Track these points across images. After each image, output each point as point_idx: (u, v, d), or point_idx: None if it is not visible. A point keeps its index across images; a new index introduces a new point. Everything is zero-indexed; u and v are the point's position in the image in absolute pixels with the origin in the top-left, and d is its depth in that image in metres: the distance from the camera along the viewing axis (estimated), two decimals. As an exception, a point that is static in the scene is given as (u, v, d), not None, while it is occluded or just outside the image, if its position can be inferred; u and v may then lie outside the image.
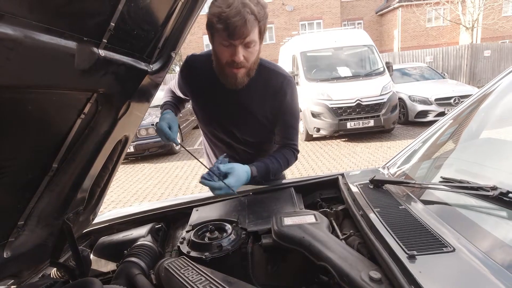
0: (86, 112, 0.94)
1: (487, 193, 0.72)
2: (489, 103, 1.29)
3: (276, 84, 1.27)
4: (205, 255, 1.03)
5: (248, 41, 1.09)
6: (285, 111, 1.30)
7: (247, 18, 1.02)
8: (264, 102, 1.30)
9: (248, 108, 1.32)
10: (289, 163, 1.35)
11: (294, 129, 1.37)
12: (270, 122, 1.36)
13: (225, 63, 1.16)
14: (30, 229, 0.97)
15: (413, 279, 0.59)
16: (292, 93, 1.30)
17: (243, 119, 1.36)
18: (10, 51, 0.57)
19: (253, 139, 1.44)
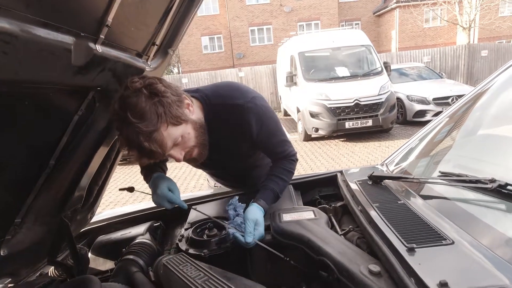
0: (83, 109, 0.94)
1: (485, 185, 0.72)
2: (487, 100, 1.29)
3: (236, 118, 1.09)
4: (204, 252, 1.02)
5: (173, 146, 0.94)
6: (260, 137, 1.13)
7: (150, 148, 0.87)
8: (236, 140, 1.16)
9: (227, 153, 1.21)
10: (292, 173, 1.23)
11: (279, 142, 1.20)
12: (253, 150, 1.25)
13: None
14: (27, 227, 0.96)
15: (412, 271, 0.59)
16: (258, 117, 1.10)
17: (228, 161, 1.27)
18: (6, 44, 0.57)
19: (247, 164, 1.37)
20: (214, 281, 0.73)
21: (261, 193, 1.13)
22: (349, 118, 6.39)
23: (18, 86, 0.68)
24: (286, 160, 1.22)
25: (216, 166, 1.33)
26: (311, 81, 6.94)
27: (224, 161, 1.27)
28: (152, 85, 0.90)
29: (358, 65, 7.40)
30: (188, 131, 0.98)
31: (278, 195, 1.16)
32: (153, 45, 1.11)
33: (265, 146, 1.20)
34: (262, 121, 1.11)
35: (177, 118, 0.92)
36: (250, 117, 1.08)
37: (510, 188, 0.69)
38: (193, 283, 0.74)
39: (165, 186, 1.09)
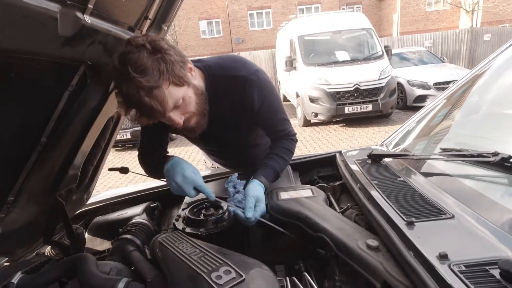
0: (74, 85, 0.90)
1: (488, 159, 0.70)
2: (487, 79, 1.26)
3: (238, 90, 1.06)
4: (201, 231, 1.01)
5: (173, 107, 0.90)
6: (261, 112, 1.10)
7: (150, 104, 0.82)
8: (237, 114, 1.12)
9: (227, 127, 1.17)
10: (292, 152, 1.20)
11: (280, 120, 1.17)
12: (254, 126, 1.22)
13: (175, 128, 1.00)
14: (20, 206, 0.95)
15: (411, 244, 0.58)
16: (260, 91, 1.07)
17: (227, 137, 1.23)
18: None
19: (246, 142, 1.33)
20: (210, 256, 0.72)
21: (261, 170, 1.09)
22: (348, 103, 6.33)
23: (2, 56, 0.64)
24: (286, 139, 1.18)
25: (214, 141, 1.29)
26: (311, 66, 6.84)
27: (223, 136, 1.23)
28: (155, 41, 0.85)
29: (358, 49, 7.27)
30: (190, 94, 0.94)
31: (278, 174, 1.13)
32: (146, 19, 1.07)
33: (266, 123, 1.16)
34: (264, 95, 1.08)
35: (180, 78, 0.88)
36: (253, 90, 1.05)
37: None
38: (188, 259, 0.73)
39: (191, 170, 0.98)
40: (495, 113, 1.07)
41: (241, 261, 0.71)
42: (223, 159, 1.49)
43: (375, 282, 0.62)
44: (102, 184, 4.94)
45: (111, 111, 1.15)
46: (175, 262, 0.74)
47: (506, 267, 0.45)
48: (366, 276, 0.64)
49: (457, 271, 0.49)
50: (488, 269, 0.48)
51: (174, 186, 0.97)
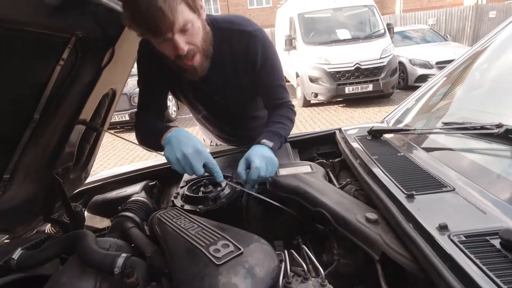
0: (65, 58, 0.87)
1: (492, 131, 0.68)
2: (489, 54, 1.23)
3: (242, 44, 1.05)
4: (199, 208, 1.01)
5: (181, 27, 0.86)
6: (263, 72, 1.09)
7: (161, 6, 0.79)
8: (237, 71, 1.10)
9: (227, 82, 1.13)
10: (292, 122, 1.16)
11: (280, 87, 1.15)
12: (253, 88, 1.18)
13: (174, 58, 0.95)
14: (17, 183, 0.94)
15: (411, 216, 0.57)
16: (265, 49, 1.06)
17: (228, 96, 1.19)
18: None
19: (246, 109, 1.31)
20: (208, 231, 0.72)
21: (263, 136, 1.05)
22: (349, 83, 6.24)
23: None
24: (285, 108, 1.15)
25: (214, 105, 1.24)
26: (311, 45, 6.69)
27: (223, 99, 1.19)
28: None
29: (360, 27, 7.09)
30: (198, 25, 0.92)
31: (282, 137, 1.07)
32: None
33: (266, 86, 1.13)
34: (267, 54, 1.07)
35: (194, 2, 0.88)
36: (257, 45, 1.05)
37: (519, 132, 0.65)
38: (186, 234, 0.73)
39: (201, 144, 0.90)
40: (498, 87, 1.04)
41: (239, 235, 0.70)
42: (222, 131, 1.44)
43: (373, 254, 0.62)
44: (102, 166, 4.95)
45: (105, 88, 1.12)
46: (173, 237, 0.74)
47: (507, 236, 0.44)
48: (365, 248, 0.64)
49: (456, 241, 0.48)
50: (489, 239, 0.48)
51: (178, 160, 0.87)
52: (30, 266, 0.86)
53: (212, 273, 0.57)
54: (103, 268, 0.77)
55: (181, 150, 0.87)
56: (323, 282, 0.56)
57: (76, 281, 0.78)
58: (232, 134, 1.45)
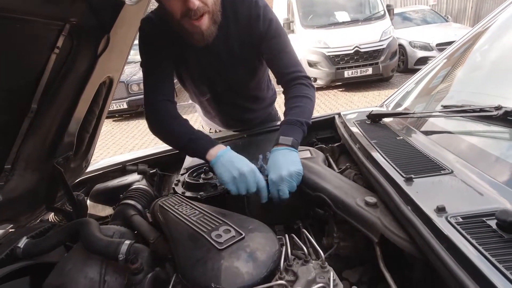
0: (60, 47, 0.86)
1: (491, 113, 0.69)
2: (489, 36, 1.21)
3: (244, 12, 1.06)
4: (200, 194, 1.02)
5: None
6: (267, 36, 1.07)
7: None
8: (243, 39, 1.09)
9: (231, 55, 1.12)
10: (312, 99, 1.08)
11: (289, 53, 1.11)
12: (259, 58, 1.17)
13: (181, 15, 0.92)
14: (19, 173, 0.95)
15: (409, 199, 0.58)
16: (266, 12, 1.07)
17: (232, 71, 1.17)
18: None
19: (250, 86, 1.29)
20: (209, 217, 0.73)
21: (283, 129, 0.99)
22: (348, 67, 6.17)
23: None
24: (300, 86, 1.07)
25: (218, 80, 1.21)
26: (309, 28, 6.57)
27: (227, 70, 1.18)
28: None
29: (359, 8, 6.94)
30: None
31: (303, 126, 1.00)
32: (131, -28, 0.99)
33: (275, 53, 1.09)
34: (269, 16, 1.07)
35: None
36: (259, 9, 1.06)
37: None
38: (188, 220, 0.74)
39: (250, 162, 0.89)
40: (497, 69, 1.04)
41: (240, 221, 0.72)
42: (225, 114, 1.42)
43: (372, 237, 0.63)
44: (102, 154, 4.96)
45: (102, 76, 1.11)
46: (176, 224, 0.76)
47: (503, 217, 0.45)
48: (364, 231, 0.65)
49: (454, 223, 0.49)
50: (485, 220, 0.49)
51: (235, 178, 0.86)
52: (35, 254, 0.88)
53: (214, 257, 0.59)
54: (108, 255, 0.79)
55: (237, 169, 0.85)
56: (323, 264, 0.57)
57: (82, 267, 0.80)
58: (234, 117, 1.44)
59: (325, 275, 0.55)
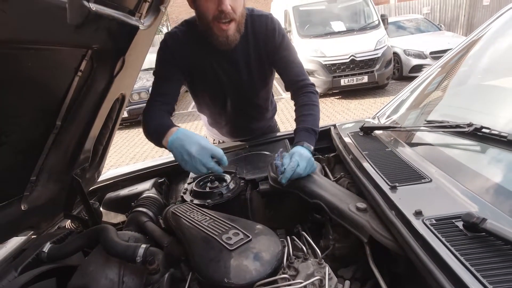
0: (82, 70, 0.96)
1: (463, 129, 0.79)
2: (477, 50, 1.32)
3: (262, 25, 1.21)
4: (208, 202, 1.11)
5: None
6: (280, 48, 1.24)
7: None
8: (259, 50, 1.23)
9: (248, 64, 1.25)
10: (317, 105, 1.24)
11: (298, 63, 1.28)
12: (271, 68, 1.32)
13: (213, 17, 1.05)
14: (42, 184, 1.04)
15: (393, 204, 0.68)
16: (279, 27, 1.24)
17: (254, 85, 1.30)
18: (4, 2, 0.58)
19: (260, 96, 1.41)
20: (219, 222, 0.82)
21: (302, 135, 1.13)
22: (344, 75, 6.32)
23: (20, 46, 0.70)
24: (309, 93, 1.24)
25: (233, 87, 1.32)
26: (306, 37, 6.74)
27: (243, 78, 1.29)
28: None
29: (354, 18, 7.14)
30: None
31: (316, 135, 1.17)
32: (144, 1, 1.09)
33: (286, 62, 1.26)
34: (282, 31, 1.24)
35: None
36: (274, 24, 1.22)
37: (485, 130, 0.75)
38: (200, 225, 0.83)
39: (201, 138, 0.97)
40: (478, 85, 1.14)
41: (247, 225, 0.81)
42: (233, 124, 1.52)
43: (362, 237, 0.72)
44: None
45: (116, 93, 1.20)
46: (189, 228, 0.85)
47: (467, 218, 0.55)
48: (355, 233, 0.74)
49: (428, 224, 0.59)
50: (454, 221, 0.58)
51: (186, 160, 0.94)
52: (58, 258, 0.96)
53: (226, 257, 0.68)
54: (126, 257, 0.87)
55: (186, 150, 0.94)
56: (320, 261, 0.66)
57: (102, 269, 0.88)
58: (242, 126, 1.55)
59: (322, 270, 0.64)
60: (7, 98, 0.77)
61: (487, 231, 0.52)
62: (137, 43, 1.13)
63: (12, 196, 0.96)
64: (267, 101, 1.49)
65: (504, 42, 1.28)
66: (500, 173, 0.71)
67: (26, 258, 0.93)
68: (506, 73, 1.13)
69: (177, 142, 0.96)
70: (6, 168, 0.88)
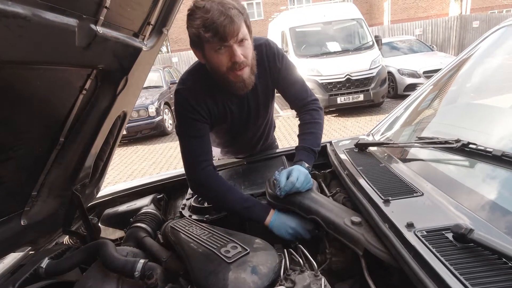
0: (87, 88, 1.00)
1: (452, 145, 0.82)
2: (466, 70, 1.38)
3: (262, 55, 1.22)
4: (206, 217, 1.13)
5: (241, 37, 1.02)
6: (282, 70, 1.26)
7: (231, 14, 0.97)
8: (266, 81, 1.26)
9: (256, 98, 1.27)
10: (320, 123, 1.30)
11: (300, 81, 1.32)
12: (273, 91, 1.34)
13: (226, 69, 1.07)
14: (42, 199, 1.05)
15: (386, 217, 0.70)
16: (276, 51, 1.25)
17: (259, 112, 1.32)
18: (21, 28, 0.62)
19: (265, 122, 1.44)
20: (217, 236, 0.84)
21: (298, 155, 1.19)
22: (340, 94, 6.45)
23: (31, 67, 0.74)
24: (313, 111, 1.30)
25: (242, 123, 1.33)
26: (303, 57, 6.92)
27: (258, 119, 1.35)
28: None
29: (349, 39, 7.36)
30: (251, 43, 1.09)
31: (316, 154, 1.23)
32: (148, 24, 1.15)
33: (289, 83, 1.29)
34: (282, 54, 1.27)
35: (249, 25, 1.08)
36: (272, 49, 1.24)
37: (472, 146, 0.79)
38: (199, 239, 0.85)
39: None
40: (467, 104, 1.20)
41: (245, 239, 0.82)
42: (241, 148, 1.55)
43: (357, 250, 0.74)
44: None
45: (118, 111, 1.24)
46: (188, 242, 0.86)
47: (456, 230, 0.57)
48: (351, 246, 0.76)
49: (419, 236, 0.61)
50: (444, 233, 0.60)
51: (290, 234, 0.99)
52: (56, 273, 0.97)
53: (225, 269, 0.69)
54: (125, 272, 0.88)
55: (289, 226, 0.99)
56: (316, 273, 0.68)
57: (101, 284, 0.89)
58: (246, 149, 1.57)
59: (318, 282, 0.65)
60: (16, 114, 0.80)
61: (475, 242, 0.55)
62: (140, 63, 1.17)
63: (13, 211, 0.98)
64: (270, 121, 1.53)
65: (490, 62, 1.35)
66: (487, 187, 0.75)
67: (24, 274, 0.94)
68: (492, 91, 1.19)
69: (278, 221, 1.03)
70: (10, 183, 0.90)
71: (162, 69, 8.61)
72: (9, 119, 0.78)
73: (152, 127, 6.82)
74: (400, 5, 19.63)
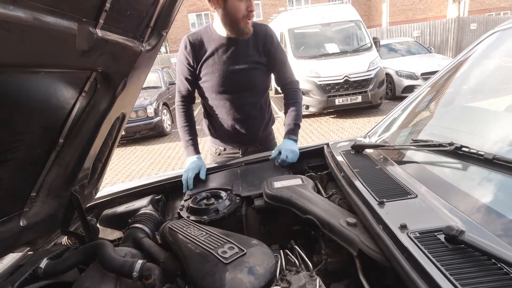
0: (86, 90, 1.01)
1: (445, 148, 0.84)
2: (462, 73, 1.40)
3: (261, 32, 1.56)
4: (204, 218, 1.14)
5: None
6: (276, 51, 1.60)
7: None
8: (258, 50, 1.56)
9: (248, 57, 1.55)
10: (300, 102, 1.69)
11: (288, 65, 1.69)
12: (268, 65, 1.62)
13: (242, 16, 1.40)
14: (41, 200, 1.06)
15: (381, 219, 0.71)
16: (276, 37, 1.62)
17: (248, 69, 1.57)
18: (22, 33, 0.63)
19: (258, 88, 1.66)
20: (214, 237, 0.85)
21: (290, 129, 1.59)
22: (339, 95, 6.48)
23: (31, 70, 0.75)
24: (295, 91, 1.70)
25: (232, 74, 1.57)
26: (301, 59, 6.94)
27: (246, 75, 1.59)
28: None
29: (347, 41, 7.40)
30: None
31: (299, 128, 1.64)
32: (147, 27, 1.16)
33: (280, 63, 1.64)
34: (278, 41, 1.63)
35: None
36: (272, 34, 1.61)
37: (465, 149, 0.80)
38: (196, 240, 0.86)
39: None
40: (462, 107, 1.21)
41: (242, 240, 0.84)
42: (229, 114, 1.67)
43: (352, 251, 0.75)
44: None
45: (117, 112, 1.25)
46: (185, 243, 0.87)
47: (447, 231, 0.59)
48: (346, 247, 0.77)
49: (412, 237, 0.62)
50: (436, 234, 0.62)
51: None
52: (55, 274, 0.97)
53: (221, 270, 0.70)
54: (123, 272, 0.89)
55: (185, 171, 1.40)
56: (312, 273, 0.69)
57: (99, 284, 0.90)
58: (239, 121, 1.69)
59: (314, 282, 0.67)
60: (16, 117, 0.81)
61: (466, 243, 0.56)
62: (139, 65, 1.19)
63: (12, 212, 0.99)
64: (265, 103, 1.74)
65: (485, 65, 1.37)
66: (478, 189, 0.76)
67: (23, 274, 0.94)
68: (487, 94, 1.21)
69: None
70: (9, 184, 0.91)
71: (161, 69, 8.61)
72: (8, 121, 0.79)
73: (150, 128, 6.82)
74: (399, 7, 19.71)
